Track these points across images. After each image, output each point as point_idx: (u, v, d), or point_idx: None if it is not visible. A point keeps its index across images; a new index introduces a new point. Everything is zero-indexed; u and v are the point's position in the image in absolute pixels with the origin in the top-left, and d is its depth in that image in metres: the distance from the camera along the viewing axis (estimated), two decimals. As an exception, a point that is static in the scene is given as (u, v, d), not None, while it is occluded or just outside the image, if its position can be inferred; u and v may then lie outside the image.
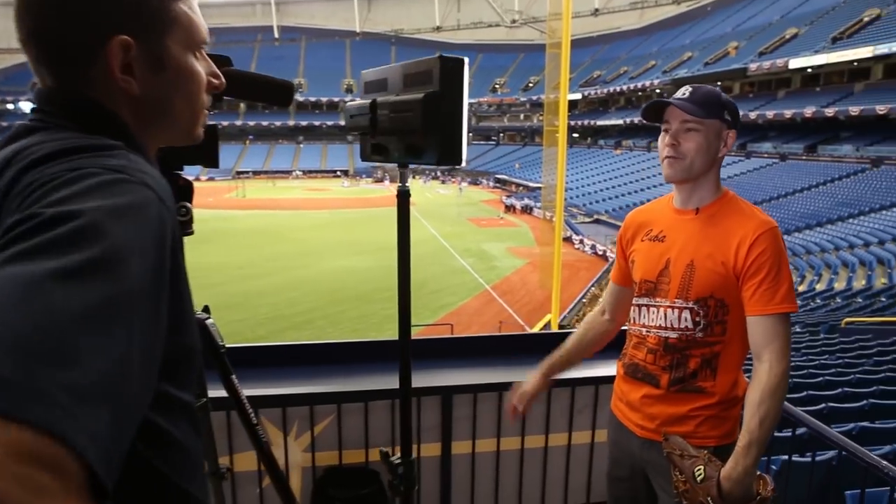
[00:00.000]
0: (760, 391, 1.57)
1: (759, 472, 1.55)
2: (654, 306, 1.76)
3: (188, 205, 1.32)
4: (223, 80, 0.94)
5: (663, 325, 1.74)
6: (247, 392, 1.96)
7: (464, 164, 1.04)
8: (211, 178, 65.98)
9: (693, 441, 1.68)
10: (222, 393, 1.40)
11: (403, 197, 1.25)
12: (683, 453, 1.62)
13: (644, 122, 1.78)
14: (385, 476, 2.10)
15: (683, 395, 1.72)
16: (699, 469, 1.57)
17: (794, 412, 2.39)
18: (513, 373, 2.27)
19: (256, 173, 68.23)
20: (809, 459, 3.03)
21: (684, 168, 1.70)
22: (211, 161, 1.17)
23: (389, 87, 1.17)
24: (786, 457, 2.86)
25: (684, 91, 1.73)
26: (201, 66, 0.87)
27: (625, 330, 1.93)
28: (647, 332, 1.78)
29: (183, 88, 0.85)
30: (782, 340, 1.60)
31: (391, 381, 2.17)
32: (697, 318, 1.69)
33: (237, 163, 70.90)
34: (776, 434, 2.57)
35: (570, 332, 2.03)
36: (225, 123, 76.15)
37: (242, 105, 77.77)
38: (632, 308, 1.86)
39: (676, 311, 1.71)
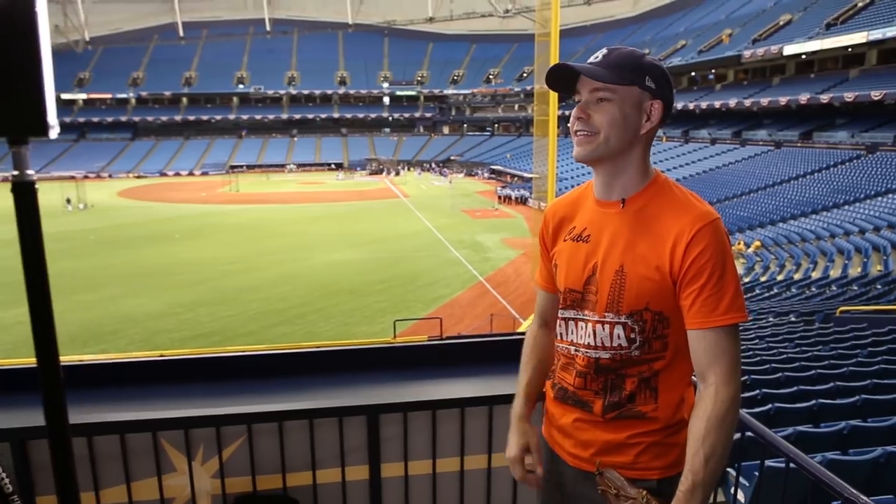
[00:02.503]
0: (706, 421, 1.30)
1: None
2: (583, 321, 1.48)
3: None
4: None
5: (593, 343, 1.45)
6: (139, 414, 1.76)
7: (52, 133, 0.66)
8: (205, 173, 65.81)
9: (633, 473, 1.43)
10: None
11: (21, 191, 0.72)
12: (619, 492, 1.37)
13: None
14: (307, 504, 1.90)
15: (621, 422, 1.45)
16: None
17: (768, 435, 2.16)
18: (445, 386, 2.08)
19: (250, 167, 67.88)
20: (786, 465, 2.83)
21: (597, 146, 1.40)
22: None
23: None
24: (758, 461, 2.64)
25: (597, 54, 1.42)
26: None
27: None
28: (576, 350, 1.49)
29: None
30: (730, 358, 1.33)
31: (309, 398, 1.97)
32: (632, 335, 1.41)
33: (231, 157, 70.56)
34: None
35: (510, 337, 1.77)
36: (218, 117, 75.78)
37: (235, 98, 77.47)
38: (558, 322, 1.56)
39: (607, 327, 1.43)
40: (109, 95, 74.82)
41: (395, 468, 1.92)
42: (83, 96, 74.60)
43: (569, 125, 1.46)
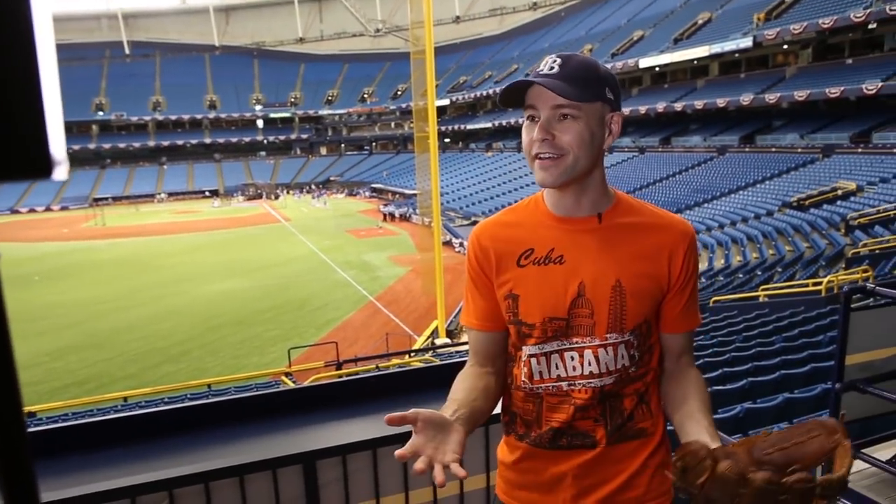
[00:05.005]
0: (704, 390, 1.40)
1: None
2: (576, 349, 1.33)
3: None
4: None
5: (597, 371, 1.32)
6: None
7: (60, 172, 0.42)
8: (64, 207, 60.87)
9: None
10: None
11: None
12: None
13: (512, 123, 1.41)
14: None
15: (626, 446, 1.35)
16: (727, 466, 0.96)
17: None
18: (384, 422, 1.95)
19: (116, 199, 63.56)
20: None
21: (566, 168, 1.28)
22: None
23: None
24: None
25: (552, 64, 1.28)
26: None
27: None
28: (570, 385, 1.33)
29: None
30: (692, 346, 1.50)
31: (237, 451, 1.80)
32: (633, 352, 1.34)
33: (94, 189, 65.70)
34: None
35: (449, 361, 1.64)
36: (76, 147, 70.49)
37: (94, 126, 72.45)
38: (532, 360, 1.36)
39: (611, 349, 1.32)
40: (-57, 128, 67.46)
41: (337, 513, 1.79)
42: (-88, 130, 66.78)
43: (524, 147, 1.33)
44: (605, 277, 1.32)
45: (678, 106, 40.56)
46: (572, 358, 1.33)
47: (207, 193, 65.84)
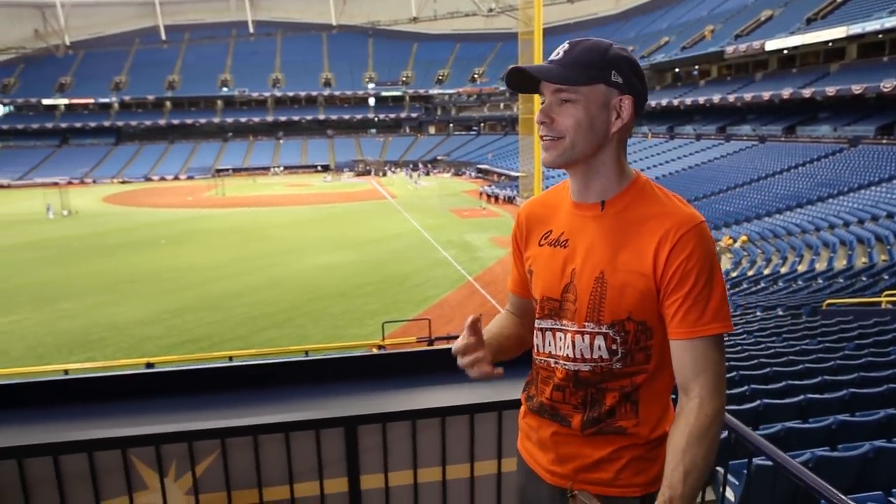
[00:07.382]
0: (687, 434, 1.22)
1: None
2: (561, 331, 1.39)
3: None
4: None
5: (571, 355, 1.37)
6: (108, 432, 1.69)
7: None
8: (190, 177, 65.34)
9: (614, 490, 1.36)
10: None
11: None
12: None
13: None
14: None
15: (601, 437, 1.38)
16: None
17: (752, 437, 2.10)
18: (426, 395, 2.03)
19: (236, 170, 67.55)
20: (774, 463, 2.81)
21: (564, 150, 1.31)
22: None
23: None
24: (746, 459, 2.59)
25: (559, 49, 1.33)
26: None
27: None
28: (556, 363, 1.41)
29: None
30: (715, 370, 1.26)
31: (285, 410, 1.92)
32: (614, 346, 1.33)
33: (216, 160, 70.11)
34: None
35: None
36: (203, 121, 75.29)
37: (219, 101, 77.03)
38: (535, 332, 1.47)
39: (587, 337, 1.34)
40: (92, 100, 74.18)
41: (375, 479, 1.87)
42: (65, 101, 73.92)
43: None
44: (593, 267, 1.34)
45: (806, 92, 37.69)
46: (560, 339, 1.40)
47: (319, 168, 68.60)
